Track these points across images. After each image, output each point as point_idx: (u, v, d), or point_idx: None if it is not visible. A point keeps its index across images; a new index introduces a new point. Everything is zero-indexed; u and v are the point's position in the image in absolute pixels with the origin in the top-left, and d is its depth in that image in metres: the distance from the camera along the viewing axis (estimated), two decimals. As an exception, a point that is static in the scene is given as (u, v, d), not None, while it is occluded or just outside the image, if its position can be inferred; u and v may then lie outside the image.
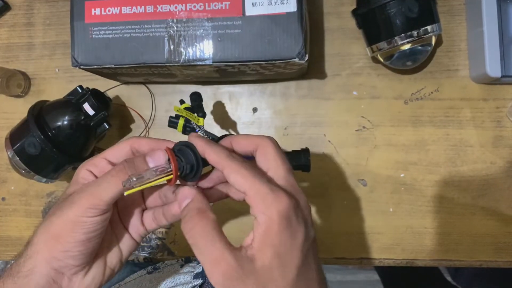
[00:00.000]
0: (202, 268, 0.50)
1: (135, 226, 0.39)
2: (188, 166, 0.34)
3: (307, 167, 0.50)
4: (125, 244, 0.39)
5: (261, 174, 0.31)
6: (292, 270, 0.29)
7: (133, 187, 0.32)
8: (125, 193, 0.32)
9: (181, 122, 0.51)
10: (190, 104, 0.51)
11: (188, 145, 0.35)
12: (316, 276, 0.31)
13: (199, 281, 0.47)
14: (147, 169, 0.33)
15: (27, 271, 0.33)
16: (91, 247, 0.34)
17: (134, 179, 0.32)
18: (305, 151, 0.51)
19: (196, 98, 0.51)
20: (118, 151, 0.37)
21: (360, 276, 1.36)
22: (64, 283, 0.34)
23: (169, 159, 0.34)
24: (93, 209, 0.33)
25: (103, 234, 0.35)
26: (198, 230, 0.31)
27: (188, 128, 0.51)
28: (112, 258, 0.38)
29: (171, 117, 0.52)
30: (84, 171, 0.36)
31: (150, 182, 0.33)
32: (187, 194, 0.34)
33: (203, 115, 0.49)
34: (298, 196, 0.32)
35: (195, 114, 0.48)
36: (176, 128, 0.52)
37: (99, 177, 0.35)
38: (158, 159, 0.34)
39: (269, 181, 0.31)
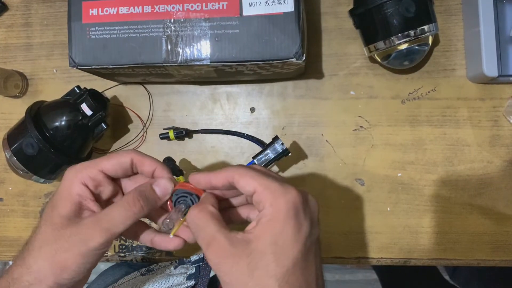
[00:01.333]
0: (195, 269, 0.50)
1: None
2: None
3: (285, 150, 0.53)
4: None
5: (269, 174, 0.33)
6: (289, 260, 0.30)
7: (170, 228, 0.35)
8: (171, 235, 0.36)
9: (171, 132, 0.60)
10: None
11: (183, 194, 0.37)
12: (314, 274, 0.31)
13: (192, 282, 0.47)
14: (172, 212, 0.36)
15: None
16: (93, 268, 0.35)
17: (167, 221, 0.35)
18: (275, 138, 0.54)
19: (168, 162, 0.57)
20: (117, 165, 0.36)
21: (359, 275, 1.36)
22: None
23: (178, 201, 0.37)
24: (106, 242, 0.33)
25: None
26: (196, 219, 0.33)
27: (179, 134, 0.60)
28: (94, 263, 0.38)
29: (161, 134, 0.61)
30: (80, 187, 0.35)
31: (180, 222, 0.36)
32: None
33: (181, 173, 0.55)
34: (307, 194, 0.33)
35: (174, 175, 0.51)
36: (169, 138, 0.61)
37: (110, 209, 0.34)
38: (165, 188, 0.36)
39: (277, 178, 0.32)
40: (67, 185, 0.35)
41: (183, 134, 0.60)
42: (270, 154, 0.53)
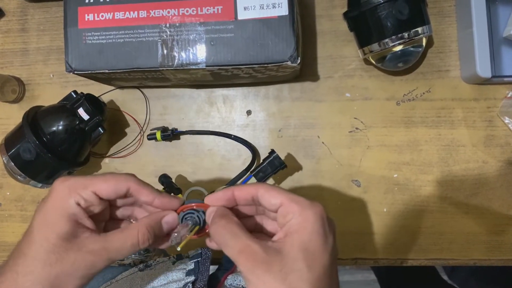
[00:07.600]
0: (194, 265, 0.50)
1: None
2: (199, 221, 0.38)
3: (282, 163, 0.54)
4: None
5: (290, 192, 0.34)
6: (319, 267, 0.31)
7: (178, 242, 0.36)
8: (178, 248, 0.36)
9: (158, 134, 0.61)
10: (162, 187, 0.57)
11: (190, 211, 0.38)
12: (338, 282, 0.33)
13: (192, 278, 0.47)
14: (179, 227, 0.37)
15: None
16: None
17: (175, 235, 0.36)
18: (271, 152, 0.55)
19: (164, 179, 0.57)
20: (111, 189, 0.36)
21: (358, 276, 1.36)
22: None
23: (186, 216, 0.38)
24: (107, 266, 0.35)
25: None
26: (223, 230, 0.34)
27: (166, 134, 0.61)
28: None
29: (148, 135, 0.62)
30: (75, 207, 0.35)
31: (188, 236, 0.37)
32: (212, 209, 0.37)
33: (179, 191, 0.55)
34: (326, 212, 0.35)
35: (171, 193, 0.51)
36: (156, 139, 0.61)
37: (117, 237, 0.36)
38: (173, 224, 0.38)
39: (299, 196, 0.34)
40: (60, 202, 0.35)
41: (170, 135, 0.60)
42: (267, 168, 0.54)
